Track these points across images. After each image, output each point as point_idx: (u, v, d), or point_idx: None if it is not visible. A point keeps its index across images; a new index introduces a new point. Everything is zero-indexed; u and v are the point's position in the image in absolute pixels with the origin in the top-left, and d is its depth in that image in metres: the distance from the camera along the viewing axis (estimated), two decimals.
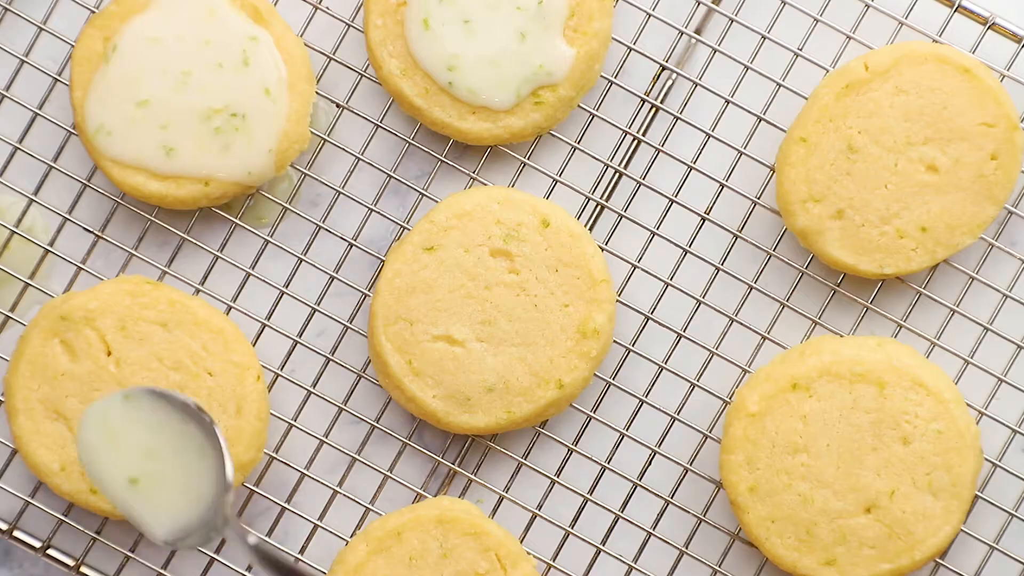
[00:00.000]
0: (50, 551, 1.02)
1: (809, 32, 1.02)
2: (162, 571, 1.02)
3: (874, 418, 0.97)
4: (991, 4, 1.03)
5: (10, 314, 1.03)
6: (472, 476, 1.02)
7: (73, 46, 1.02)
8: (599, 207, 1.03)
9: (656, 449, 1.02)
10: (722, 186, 1.02)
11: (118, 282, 1.00)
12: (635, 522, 1.02)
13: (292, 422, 1.02)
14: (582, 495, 1.02)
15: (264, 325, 1.03)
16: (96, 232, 1.03)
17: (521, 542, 1.02)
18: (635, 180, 1.03)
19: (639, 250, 1.03)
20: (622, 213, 1.02)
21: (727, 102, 1.02)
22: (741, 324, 1.02)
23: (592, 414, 1.02)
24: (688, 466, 1.02)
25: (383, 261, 1.02)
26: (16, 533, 1.02)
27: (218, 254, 1.03)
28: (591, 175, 1.04)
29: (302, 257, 1.03)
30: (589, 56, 1.00)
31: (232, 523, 0.90)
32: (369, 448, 1.03)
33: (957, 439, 0.97)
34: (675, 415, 1.02)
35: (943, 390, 0.98)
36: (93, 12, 1.03)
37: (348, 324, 1.02)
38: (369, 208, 1.03)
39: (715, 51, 1.02)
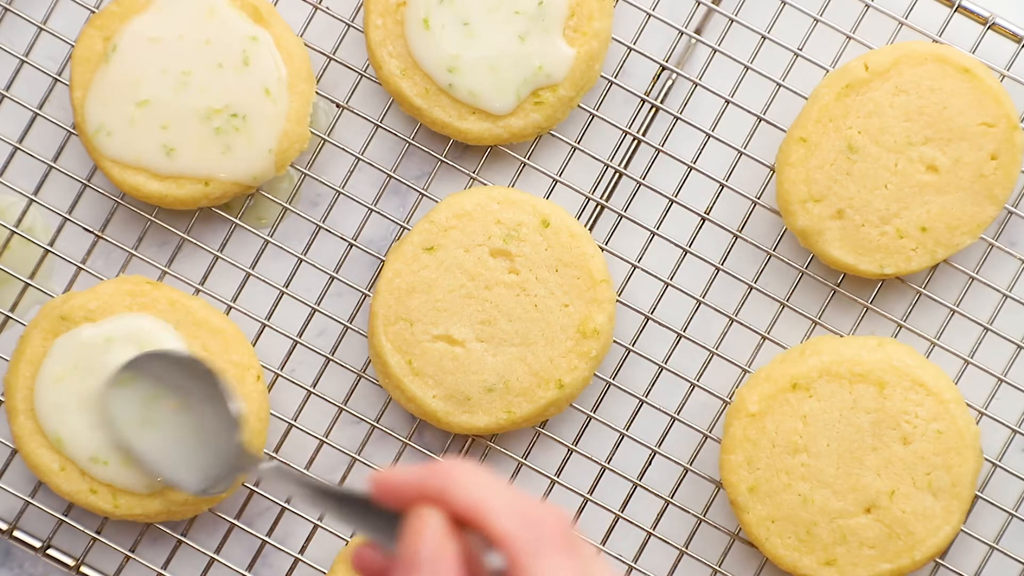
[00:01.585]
0: (50, 551, 1.02)
1: (809, 32, 1.02)
2: (162, 571, 1.02)
3: (874, 418, 0.97)
4: (991, 4, 1.03)
5: (10, 314, 1.03)
6: None
7: (73, 46, 1.02)
8: (599, 207, 1.03)
9: (656, 449, 1.02)
10: (722, 186, 1.02)
11: (118, 282, 1.00)
12: (635, 522, 1.02)
13: (292, 422, 1.02)
14: (582, 495, 1.02)
15: (264, 325, 1.03)
16: (96, 232, 1.03)
17: None
18: (635, 180, 1.03)
19: (639, 250, 1.03)
20: (622, 213, 1.02)
21: (727, 102, 1.02)
22: (741, 324, 1.02)
23: (592, 414, 1.02)
24: (688, 466, 1.02)
25: (383, 261, 1.02)
26: (16, 533, 1.02)
27: (218, 254, 1.03)
28: (591, 175, 1.04)
29: (302, 257, 1.03)
30: (589, 56, 1.00)
31: (247, 453, 0.91)
32: (369, 448, 1.03)
33: (957, 439, 0.97)
34: (675, 415, 1.02)
35: (943, 390, 0.98)
36: (93, 12, 1.03)
37: (348, 324, 1.02)
38: (369, 208, 1.03)
39: (715, 51, 1.02)
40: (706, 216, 1.02)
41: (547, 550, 0.69)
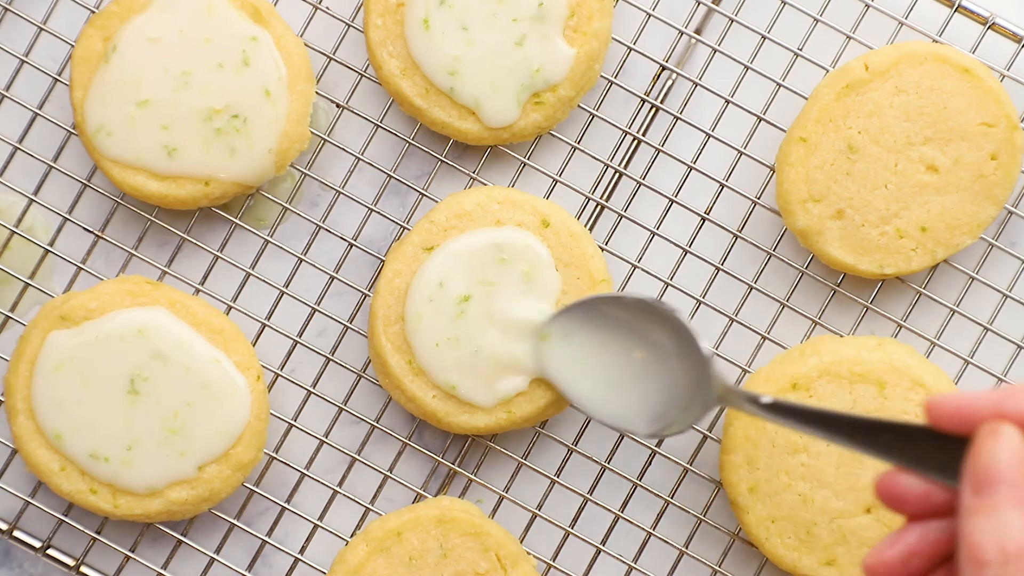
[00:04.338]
0: (50, 551, 1.02)
1: (809, 32, 1.02)
2: (162, 571, 1.02)
3: None
4: (991, 4, 1.03)
5: (10, 314, 1.03)
6: (472, 476, 1.02)
7: (73, 46, 1.02)
8: (599, 207, 1.03)
9: (656, 449, 1.02)
10: (722, 186, 1.02)
11: (118, 282, 1.00)
12: (635, 522, 1.02)
13: (292, 422, 1.02)
14: (582, 495, 1.02)
15: (264, 325, 1.03)
16: (96, 232, 1.03)
17: (521, 542, 1.02)
18: (635, 180, 1.03)
19: (639, 250, 1.03)
20: (622, 213, 1.02)
21: (727, 102, 1.02)
22: (741, 324, 1.02)
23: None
24: (688, 466, 1.02)
25: (383, 261, 1.02)
26: (16, 533, 1.02)
27: (218, 254, 1.03)
28: (591, 175, 1.04)
29: (302, 257, 1.03)
30: (589, 56, 1.00)
31: (733, 389, 0.88)
32: (369, 448, 1.03)
33: None
34: None
35: (943, 390, 0.98)
36: (93, 12, 1.03)
37: (348, 324, 1.02)
38: (369, 208, 1.03)
39: (715, 51, 1.02)
40: (706, 216, 1.03)
41: None
